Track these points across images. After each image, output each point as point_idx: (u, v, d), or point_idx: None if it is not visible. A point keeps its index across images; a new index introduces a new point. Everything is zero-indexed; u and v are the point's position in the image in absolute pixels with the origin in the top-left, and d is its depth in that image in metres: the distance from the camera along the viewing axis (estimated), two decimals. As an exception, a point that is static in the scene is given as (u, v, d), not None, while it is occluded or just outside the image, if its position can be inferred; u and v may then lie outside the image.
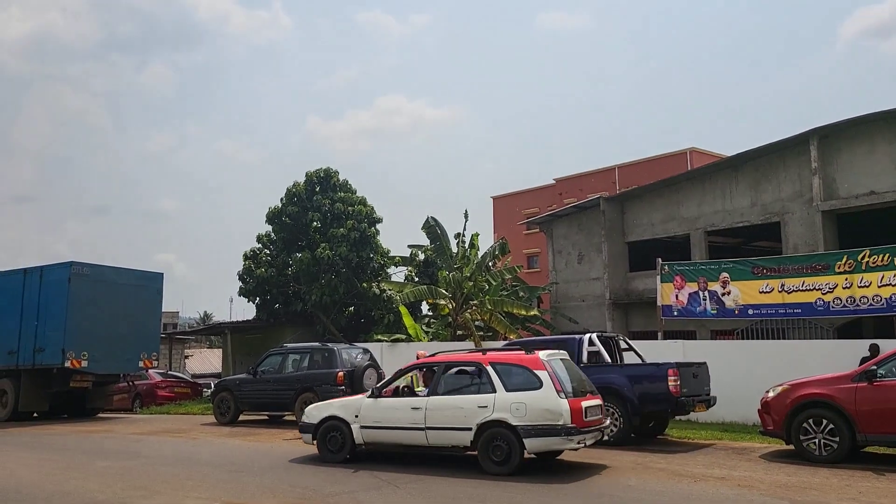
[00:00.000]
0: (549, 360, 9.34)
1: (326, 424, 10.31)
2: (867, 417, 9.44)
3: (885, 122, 18.48)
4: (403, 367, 10.92)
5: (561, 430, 8.73)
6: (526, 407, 8.89)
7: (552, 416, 8.77)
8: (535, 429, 8.80)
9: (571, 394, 9.07)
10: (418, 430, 9.54)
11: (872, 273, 13.88)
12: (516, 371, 9.27)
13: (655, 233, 24.05)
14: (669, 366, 11.53)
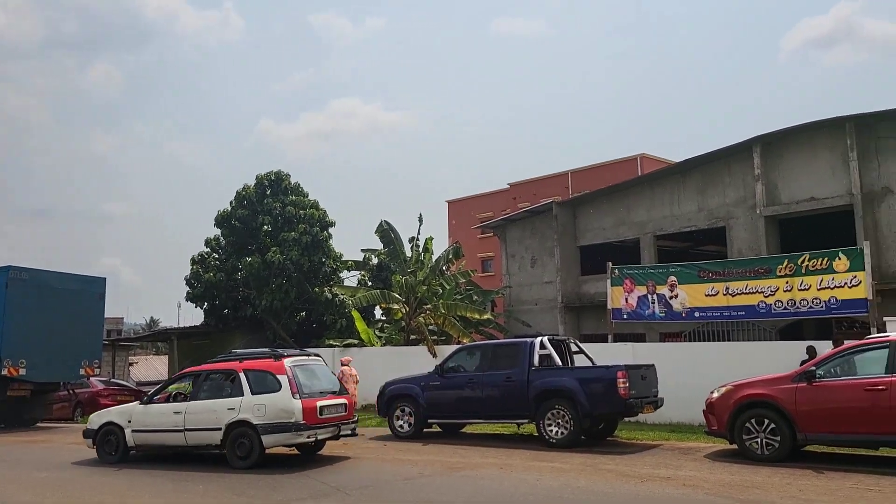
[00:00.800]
0: (293, 366, 10.69)
1: (104, 429, 11.30)
2: (807, 417, 9.69)
3: (825, 131, 19.11)
4: (174, 376, 12.19)
5: (292, 427, 10.05)
6: (265, 407, 10.18)
7: (286, 415, 10.09)
8: (272, 426, 10.07)
9: (309, 395, 10.39)
10: (178, 432, 10.66)
11: (812, 276, 14.32)
12: (263, 376, 10.53)
13: (607, 237, 24.41)
14: (618, 368, 11.67)
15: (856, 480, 8.40)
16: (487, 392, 12.81)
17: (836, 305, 14.05)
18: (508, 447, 12.00)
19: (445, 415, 13.51)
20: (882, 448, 9.68)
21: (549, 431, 11.87)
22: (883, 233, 17.93)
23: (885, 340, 9.84)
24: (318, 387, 10.94)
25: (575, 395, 11.72)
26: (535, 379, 12.28)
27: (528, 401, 12.20)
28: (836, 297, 14.00)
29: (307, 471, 10.06)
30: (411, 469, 10.05)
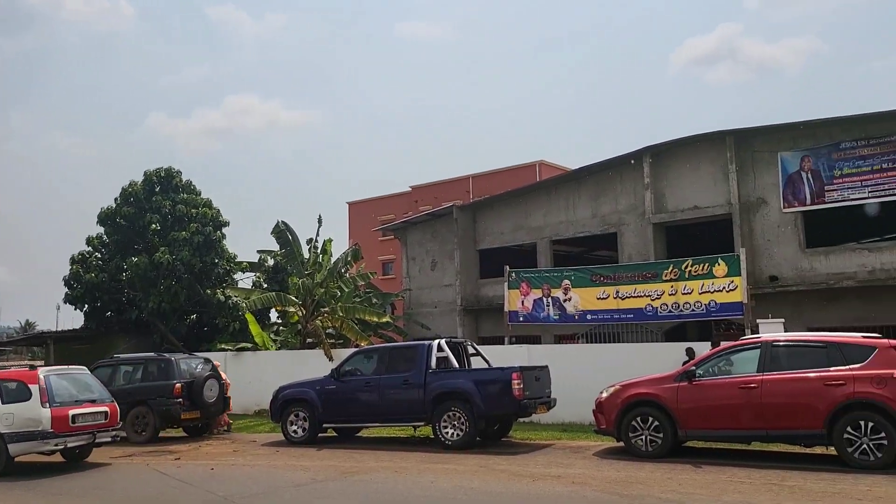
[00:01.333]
0: (49, 375, 11.04)
1: None
2: (687, 414, 10.19)
3: (709, 143, 20.23)
4: None
5: (39, 435, 10.39)
6: (14, 416, 10.47)
7: (34, 424, 10.43)
8: (18, 435, 10.38)
9: (61, 404, 10.71)
10: None
11: (694, 281, 15.09)
12: (14, 386, 10.79)
13: (505, 241, 24.84)
14: (513, 370, 11.85)
15: (730, 474, 8.88)
16: (384, 395, 12.72)
17: (716, 308, 14.88)
18: (404, 450, 11.94)
19: (341, 419, 13.32)
20: (754, 442, 10.28)
21: (444, 433, 11.90)
22: (758, 241, 19.16)
23: (758, 341, 10.49)
24: (77, 396, 11.22)
25: (471, 396, 11.82)
26: (433, 381, 12.30)
27: (425, 403, 12.21)
28: (715, 300, 14.81)
29: (193, 480, 9.62)
30: (303, 475, 9.81)
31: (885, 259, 17.37)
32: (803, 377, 9.57)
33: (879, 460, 8.89)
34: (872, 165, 17.70)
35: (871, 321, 16.57)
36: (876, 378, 9.16)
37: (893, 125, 17.39)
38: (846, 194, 18.01)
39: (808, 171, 18.62)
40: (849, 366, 9.42)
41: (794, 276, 18.47)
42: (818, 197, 18.40)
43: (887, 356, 9.35)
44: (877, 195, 17.65)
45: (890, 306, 17.13)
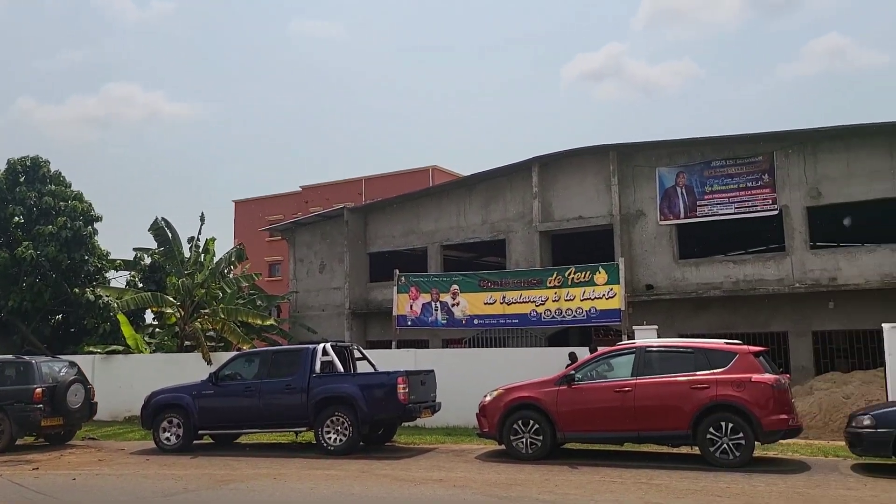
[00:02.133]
0: None
1: None
2: (566, 417, 10.52)
3: (594, 156, 21.06)
4: None
5: None
6: None
7: None
8: None
9: None
10: None
11: (576, 288, 15.62)
12: None
13: (396, 245, 24.79)
14: (399, 374, 11.80)
15: (603, 474, 9.22)
16: (265, 400, 12.34)
17: (596, 315, 15.46)
18: (285, 456, 11.62)
19: (219, 425, 12.80)
20: (626, 443, 10.74)
21: (327, 439, 11.68)
22: (636, 251, 20.11)
23: (633, 346, 10.99)
24: None
25: (355, 401, 11.67)
26: (316, 386, 12.06)
27: (308, 408, 11.94)
28: (595, 307, 15.39)
29: (53, 491, 8.91)
30: (174, 484, 9.32)
31: (748, 271, 18.68)
32: (673, 381, 10.10)
33: (738, 459, 9.50)
34: (739, 183, 19.00)
35: (734, 328, 17.74)
36: (736, 382, 9.80)
37: (758, 147, 18.74)
38: (715, 209, 19.23)
39: (682, 187, 19.74)
40: (713, 370, 10.02)
41: (668, 285, 19.52)
42: (691, 211, 19.54)
43: (746, 361, 10.03)
44: (742, 211, 18.94)
45: (750, 315, 18.44)
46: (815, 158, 18.06)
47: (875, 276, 17.01)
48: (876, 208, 18.35)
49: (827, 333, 17.83)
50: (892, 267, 16.93)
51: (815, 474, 9.10)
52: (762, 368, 10.00)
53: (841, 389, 14.37)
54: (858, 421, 9.50)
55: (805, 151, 18.18)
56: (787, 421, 9.70)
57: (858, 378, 14.80)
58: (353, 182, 43.69)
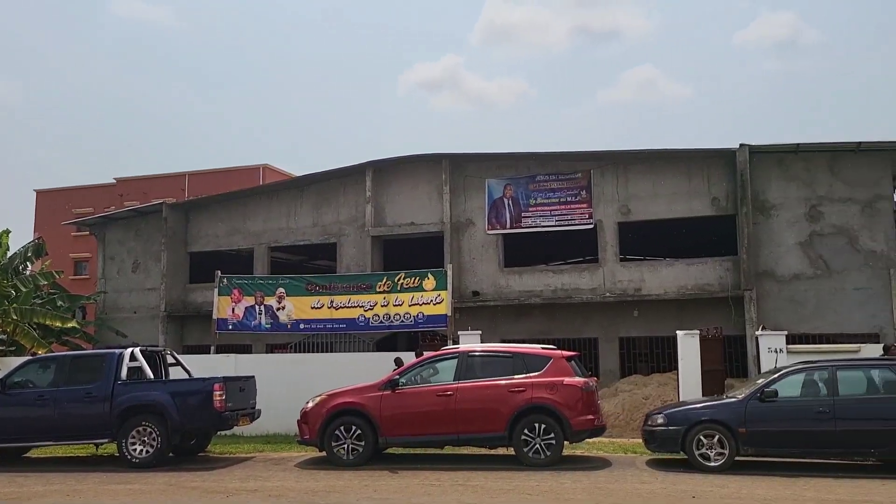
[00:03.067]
0: None
1: None
2: (389, 422, 10.52)
3: (428, 164, 21.39)
4: None
5: None
6: None
7: None
8: None
9: None
10: None
11: (405, 293, 15.73)
12: None
13: (220, 245, 23.63)
14: (215, 381, 11.19)
15: (423, 477, 9.30)
16: (62, 410, 11.19)
17: (423, 320, 15.65)
18: (82, 471, 10.57)
19: (5, 438, 11.40)
20: (447, 447, 10.93)
21: (131, 450, 10.80)
22: (464, 258, 20.68)
23: (456, 351, 11.25)
24: None
25: (166, 409, 10.89)
26: (121, 394, 11.12)
27: (112, 418, 10.98)
28: (423, 312, 15.58)
29: None
30: (-60, 509, 8.14)
31: (566, 280, 19.85)
32: (492, 385, 10.44)
33: (548, 458, 10.00)
34: (560, 198, 20.16)
35: (551, 334, 18.77)
36: (549, 384, 10.32)
37: (578, 164, 20.01)
38: (538, 221, 20.25)
39: (509, 198, 20.60)
40: (529, 374, 10.49)
41: (493, 292, 20.26)
42: (516, 222, 20.43)
43: (560, 365, 10.60)
44: (562, 224, 20.11)
45: (566, 321, 19.60)
46: (626, 178, 19.60)
47: (673, 287, 18.76)
48: (676, 226, 20.28)
49: (632, 339, 19.37)
50: (687, 280, 18.76)
51: (615, 470, 9.79)
52: (573, 372, 10.61)
53: (641, 391, 15.67)
54: (653, 420, 10.36)
55: (618, 171, 19.67)
56: (594, 421, 10.36)
57: (656, 380, 16.23)
58: (176, 177, 41.14)
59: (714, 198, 18.79)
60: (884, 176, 17.66)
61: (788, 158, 18.22)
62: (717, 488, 8.43)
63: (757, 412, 9.80)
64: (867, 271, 17.33)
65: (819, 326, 17.34)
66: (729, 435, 9.70)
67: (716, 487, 8.47)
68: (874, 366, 10.31)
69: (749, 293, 17.67)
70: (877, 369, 10.12)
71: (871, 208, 17.52)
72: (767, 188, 18.27)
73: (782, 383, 10.07)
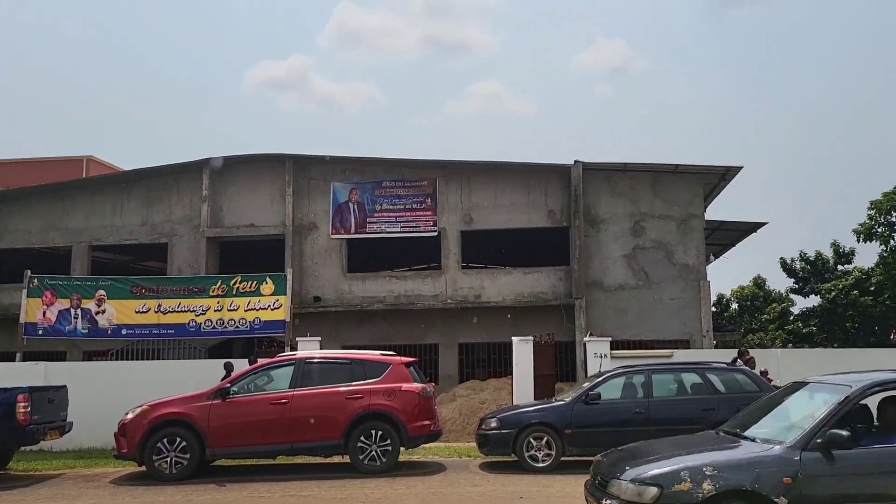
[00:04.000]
0: None
1: None
2: (218, 433, 9.97)
3: (270, 164, 20.69)
4: None
5: None
6: None
7: None
8: None
9: None
10: None
11: (241, 298, 15.07)
12: None
13: (32, 241, 21.42)
14: (19, 391, 10.08)
15: (252, 489, 8.90)
16: None
17: (259, 326, 15.08)
18: None
19: None
20: (279, 457, 10.55)
21: None
22: (307, 262, 20.20)
23: (292, 358, 10.91)
24: None
25: (-45, 425, 9.62)
26: None
27: None
28: (260, 318, 15.01)
29: None
30: None
31: (409, 287, 19.98)
32: (329, 392, 10.23)
33: (384, 465, 9.94)
34: (405, 204, 20.29)
35: (393, 340, 18.77)
36: (387, 391, 10.28)
37: (424, 172, 20.24)
38: (383, 227, 20.24)
39: (354, 203, 20.42)
40: (368, 380, 10.38)
41: (335, 298, 19.94)
42: (361, 227, 20.29)
43: (398, 371, 10.59)
44: (407, 231, 20.23)
45: (408, 327, 19.72)
46: (469, 188, 20.10)
47: (511, 295, 19.46)
48: (515, 236, 21.08)
49: (471, 345, 19.85)
50: (524, 288, 19.54)
51: (449, 474, 9.92)
52: (412, 378, 10.64)
53: (478, 395, 16.08)
54: (486, 423, 10.63)
55: (462, 181, 20.13)
56: (430, 426, 10.44)
57: (493, 385, 16.72)
58: (-16, 165, 36.79)
59: (550, 210, 19.73)
60: (697, 196, 19.43)
61: (616, 176, 19.55)
62: (543, 488, 8.77)
63: (582, 414, 10.35)
64: (681, 283, 18.95)
65: (640, 333, 18.70)
66: (556, 436, 10.16)
67: (542, 487, 8.81)
68: (684, 369, 11.25)
69: (579, 301, 18.71)
70: (685, 372, 11.06)
71: (686, 225, 19.20)
72: (598, 203, 19.49)
73: (605, 386, 10.73)
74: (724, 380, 10.87)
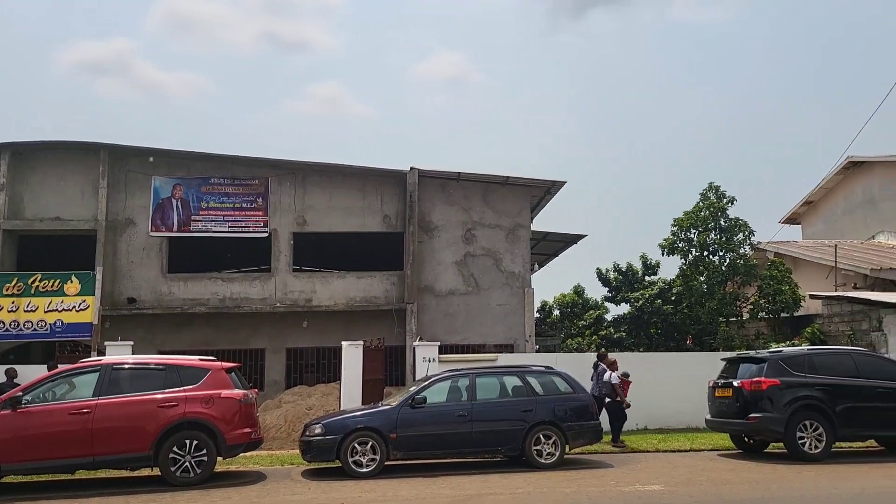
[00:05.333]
0: None
1: None
2: (7, 447, 9.00)
3: (82, 153, 18.92)
4: None
5: None
6: None
7: None
8: None
9: None
10: None
11: (41, 298, 13.71)
12: None
13: None
14: None
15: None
16: None
17: (62, 329, 13.80)
18: None
19: None
20: (78, 471, 9.64)
21: None
22: (121, 261, 18.66)
23: (97, 364, 10.02)
24: None
25: None
26: None
27: None
28: (62, 320, 13.74)
29: None
30: None
31: (235, 289, 19.12)
32: (138, 400, 9.53)
33: (198, 476, 9.39)
34: (235, 203, 19.41)
35: (216, 345, 17.88)
36: (205, 398, 9.74)
37: (257, 171, 19.49)
38: (209, 226, 19.22)
39: (178, 199, 19.22)
40: (184, 387, 9.77)
41: (153, 300, 18.62)
42: (185, 225, 19.12)
43: (218, 377, 10.07)
44: (236, 231, 19.36)
45: (233, 332, 18.88)
46: (304, 189, 19.64)
47: (343, 299, 19.24)
48: (349, 240, 20.89)
49: (300, 350, 19.35)
50: (357, 292, 19.40)
51: (269, 483, 9.57)
52: (232, 384, 10.16)
53: (305, 401, 15.72)
54: (311, 430, 10.39)
55: (297, 181, 19.63)
56: (250, 434, 10.02)
57: (321, 391, 16.43)
58: None
59: (386, 215, 19.78)
60: (524, 207, 20.35)
61: (451, 185, 20.00)
62: (366, 493, 8.70)
63: (407, 418, 10.42)
64: (507, 290, 19.74)
65: (468, 338, 19.23)
66: (381, 441, 10.14)
67: (365, 492, 8.74)
68: (506, 373, 11.70)
69: (411, 306, 18.90)
70: (507, 376, 11.50)
71: (514, 235, 20.04)
72: (432, 210, 19.82)
73: (431, 390, 10.89)
74: (542, 382, 11.42)
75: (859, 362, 11.83)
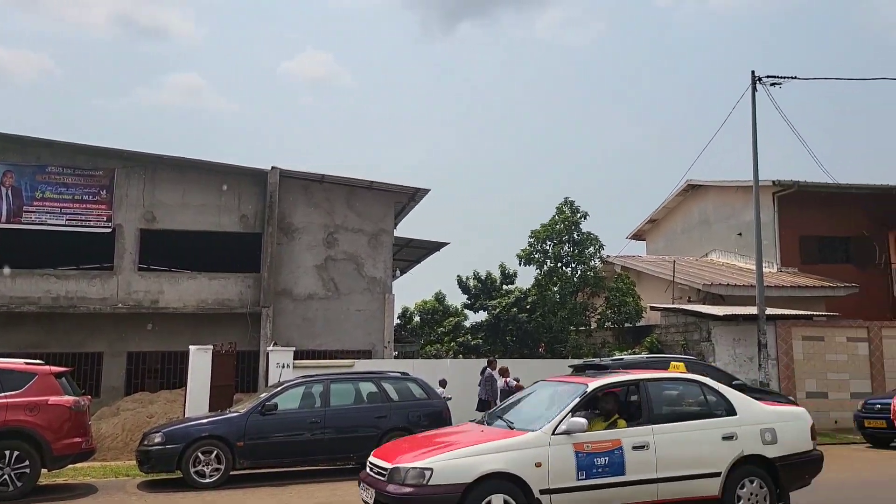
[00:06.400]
0: None
1: None
2: None
3: None
4: None
5: None
6: None
7: None
8: None
9: None
10: None
11: None
12: None
13: None
14: None
15: None
16: None
17: None
18: None
19: None
20: None
21: None
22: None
23: None
24: None
25: None
26: None
27: None
28: None
29: None
30: None
31: (71, 287, 17.64)
32: (-53, 408, 8.50)
33: (19, 490, 8.62)
34: (75, 195, 17.95)
35: (47, 347, 16.44)
36: (29, 405, 8.91)
37: (101, 161, 18.13)
38: (44, 218, 17.65)
39: (9, 188, 17.52)
40: (7, 393, 8.89)
41: (-26, 297, 16.82)
42: (16, 216, 17.45)
43: (46, 383, 9.24)
44: (74, 225, 17.90)
45: (68, 333, 17.44)
46: (154, 183, 18.50)
47: (193, 300, 18.28)
48: (203, 239, 19.91)
49: (143, 354, 18.15)
50: (208, 294, 18.50)
51: (100, 497, 8.88)
52: (62, 390, 9.35)
53: (147, 409, 14.77)
54: (150, 439, 9.75)
55: (146, 175, 18.45)
56: (81, 444, 9.27)
57: (164, 397, 15.51)
58: None
59: (243, 215, 19.05)
60: (388, 213, 20.34)
61: (314, 187, 19.61)
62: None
63: (256, 425, 10.05)
64: (368, 295, 19.62)
65: (326, 343, 18.90)
66: (227, 450, 9.71)
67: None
68: (361, 379, 11.59)
69: (267, 310, 18.29)
70: (363, 382, 11.40)
71: (376, 240, 19.96)
72: (293, 212, 19.32)
73: (283, 397, 10.57)
74: (397, 388, 11.42)
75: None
